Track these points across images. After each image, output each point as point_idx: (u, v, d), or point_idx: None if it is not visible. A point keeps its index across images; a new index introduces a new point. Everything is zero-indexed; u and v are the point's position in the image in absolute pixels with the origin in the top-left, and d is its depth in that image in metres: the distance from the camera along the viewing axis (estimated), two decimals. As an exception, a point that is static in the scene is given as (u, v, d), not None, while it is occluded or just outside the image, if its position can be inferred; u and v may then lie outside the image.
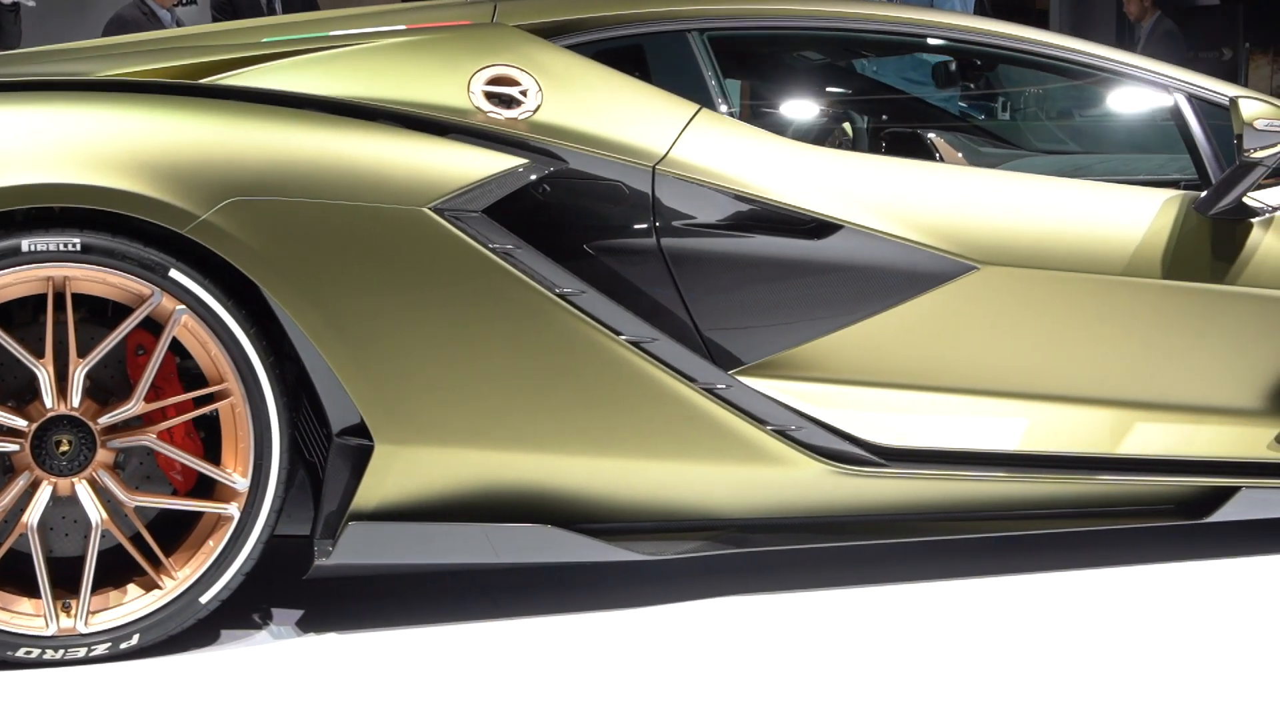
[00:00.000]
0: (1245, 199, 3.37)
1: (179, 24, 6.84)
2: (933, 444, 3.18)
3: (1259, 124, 3.19)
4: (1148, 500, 3.38)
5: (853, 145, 3.94)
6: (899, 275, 3.14)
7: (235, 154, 2.74)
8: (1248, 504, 3.36)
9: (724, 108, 3.25)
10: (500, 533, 2.92)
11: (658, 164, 3.02)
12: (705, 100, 3.25)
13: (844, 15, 3.49)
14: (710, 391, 3.00)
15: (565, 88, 3.08)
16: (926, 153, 3.94)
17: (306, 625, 2.92)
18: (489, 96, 3.03)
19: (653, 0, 3.36)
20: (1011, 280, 3.20)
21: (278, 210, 2.74)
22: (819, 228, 3.10)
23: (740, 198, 3.06)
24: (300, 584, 2.91)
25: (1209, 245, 3.34)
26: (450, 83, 3.03)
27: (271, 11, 6.52)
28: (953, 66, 4.25)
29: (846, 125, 4.64)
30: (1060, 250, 3.23)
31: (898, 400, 3.18)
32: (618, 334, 2.93)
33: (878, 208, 3.13)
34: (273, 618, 2.95)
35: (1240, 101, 3.23)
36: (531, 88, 3.06)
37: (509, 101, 3.04)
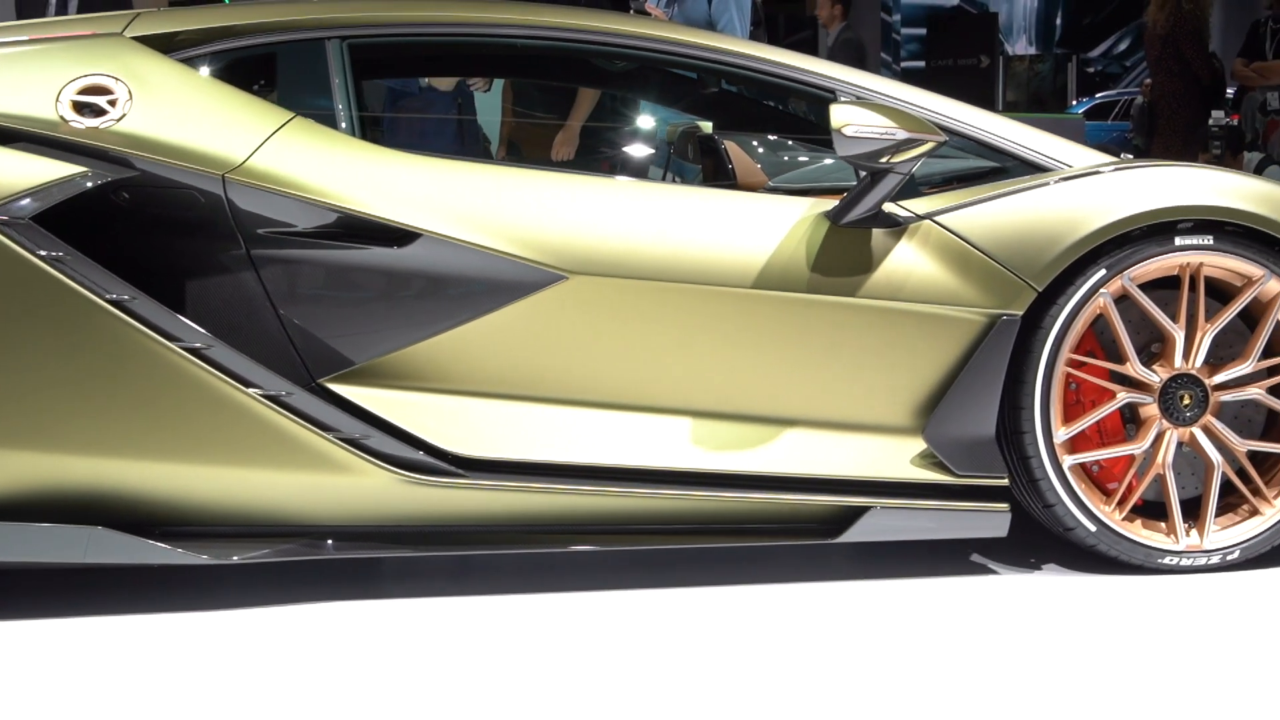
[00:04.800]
0: (886, 207, 3.23)
1: None
2: (523, 455, 3.13)
3: (847, 131, 3.06)
4: (787, 518, 3.26)
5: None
6: (483, 284, 3.11)
7: None
8: (877, 524, 3.22)
9: (345, 117, 3.27)
10: (56, 533, 2.98)
11: (229, 172, 3.04)
12: (328, 109, 3.27)
13: (494, 21, 3.47)
14: (272, 399, 3.01)
15: (156, 97, 3.13)
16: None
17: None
18: (77, 106, 3.10)
19: (291, 9, 3.39)
20: (605, 290, 3.13)
21: None
22: (399, 236, 3.09)
23: (319, 206, 3.07)
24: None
25: (843, 256, 3.21)
26: (38, 93, 3.11)
27: (63, 11, 6.66)
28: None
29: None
30: (662, 260, 3.15)
31: (486, 410, 3.14)
32: (173, 340, 2.97)
33: (459, 216, 3.10)
34: None
35: (833, 107, 3.10)
36: (122, 97, 3.12)
37: (98, 111, 3.10)
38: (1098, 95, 20.08)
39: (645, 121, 4.43)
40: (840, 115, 3.07)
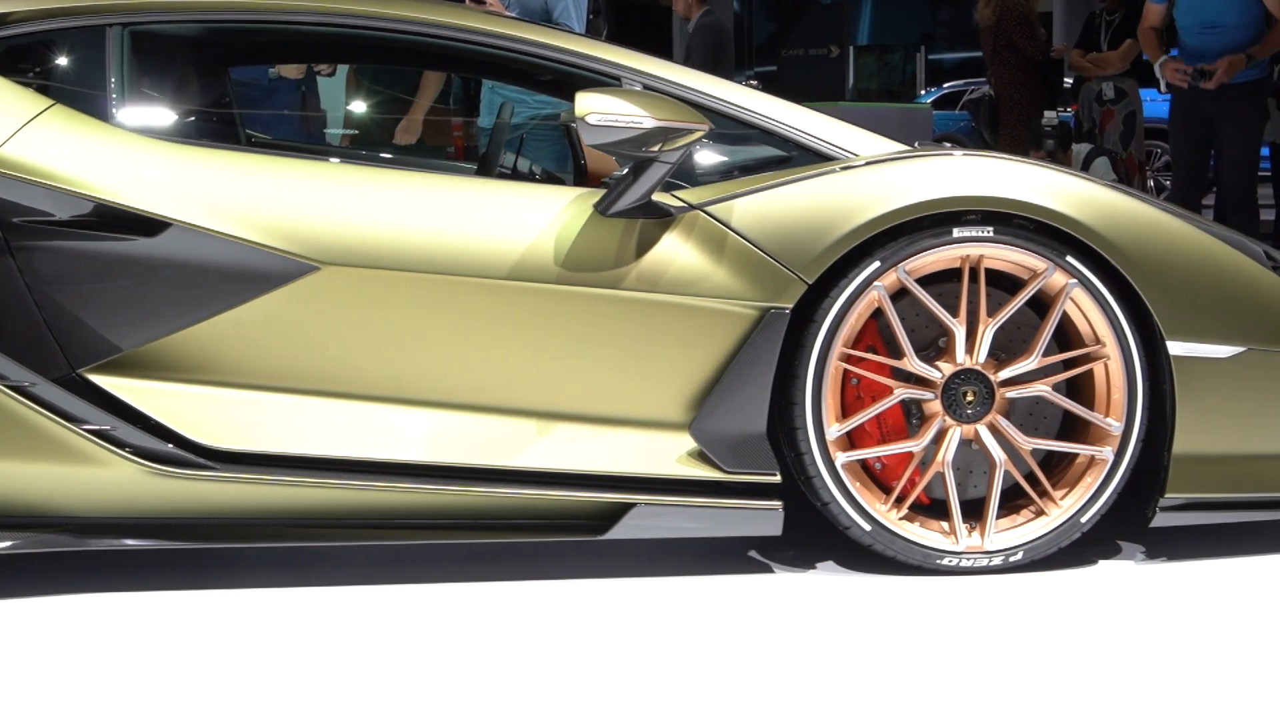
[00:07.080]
0: (657, 197, 3.16)
1: None
2: (276, 448, 3.09)
3: (591, 119, 2.98)
4: (555, 514, 3.20)
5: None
6: (235, 275, 3.07)
7: None
8: (643, 522, 3.15)
9: (116, 105, 3.24)
10: None
11: (-21, 161, 3.03)
12: (100, 97, 3.25)
13: (288, 9, 3.43)
14: (17, 390, 2.99)
15: (-91, 86, 3.12)
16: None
17: None
18: None
19: (75, -5, 3.37)
20: (359, 281, 3.08)
21: None
22: (150, 226, 3.06)
23: (73, 195, 3.05)
24: None
25: (607, 247, 3.14)
26: None
27: None
28: None
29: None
30: (419, 250, 3.09)
31: (239, 402, 3.10)
32: (-87, 329, 2.96)
33: (210, 205, 3.07)
34: None
35: (579, 95, 3.02)
36: (-122, 86, 3.11)
37: None
38: (945, 85, 20.37)
39: (494, 107, 4.37)
40: (585, 103, 3.00)
